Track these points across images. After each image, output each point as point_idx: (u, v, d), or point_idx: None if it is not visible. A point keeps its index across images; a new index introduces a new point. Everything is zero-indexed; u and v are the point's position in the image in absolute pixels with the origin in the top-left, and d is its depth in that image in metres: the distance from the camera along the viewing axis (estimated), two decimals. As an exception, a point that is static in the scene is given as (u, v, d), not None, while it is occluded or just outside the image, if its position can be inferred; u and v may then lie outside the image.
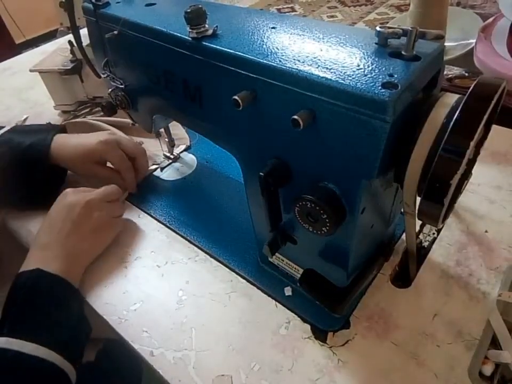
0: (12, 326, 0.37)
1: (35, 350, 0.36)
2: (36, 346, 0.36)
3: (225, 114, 0.34)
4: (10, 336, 0.36)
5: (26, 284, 0.40)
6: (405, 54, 0.25)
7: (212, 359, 0.38)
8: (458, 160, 0.22)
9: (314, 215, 0.28)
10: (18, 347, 0.36)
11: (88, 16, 0.44)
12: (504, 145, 0.55)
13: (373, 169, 0.25)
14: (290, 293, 0.42)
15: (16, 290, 0.40)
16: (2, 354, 0.35)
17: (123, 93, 0.48)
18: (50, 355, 0.36)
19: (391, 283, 0.42)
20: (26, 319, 0.38)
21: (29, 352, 0.36)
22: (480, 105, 0.22)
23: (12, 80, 0.91)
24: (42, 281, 0.41)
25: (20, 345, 0.36)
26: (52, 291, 0.41)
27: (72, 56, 0.69)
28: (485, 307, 0.38)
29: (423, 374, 0.35)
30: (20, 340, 0.36)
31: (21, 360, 0.36)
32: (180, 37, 0.34)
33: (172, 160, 0.61)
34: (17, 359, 0.35)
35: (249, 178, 0.36)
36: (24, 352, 0.36)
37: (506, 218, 0.46)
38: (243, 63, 0.29)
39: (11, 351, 0.35)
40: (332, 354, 0.37)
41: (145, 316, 0.42)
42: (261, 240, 0.40)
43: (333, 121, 0.25)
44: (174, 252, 0.48)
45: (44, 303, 0.40)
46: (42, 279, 0.41)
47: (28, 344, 0.36)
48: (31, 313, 0.39)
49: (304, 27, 0.32)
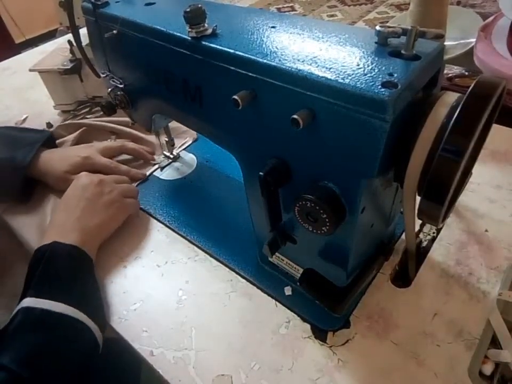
0: (36, 289, 0.39)
1: (62, 309, 0.37)
2: (62, 305, 0.38)
3: (225, 114, 0.34)
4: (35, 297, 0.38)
5: (45, 254, 0.41)
6: (404, 53, 0.25)
7: (212, 359, 0.38)
8: (458, 159, 0.22)
9: (314, 215, 0.28)
10: (45, 305, 0.37)
11: (88, 15, 0.44)
12: (504, 144, 0.55)
13: (372, 168, 0.25)
14: (290, 293, 0.42)
15: (37, 260, 0.41)
16: (30, 312, 0.37)
17: (122, 93, 0.48)
18: (76, 313, 0.38)
19: (391, 282, 0.42)
20: (50, 282, 0.40)
21: (56, 309, 0.37)
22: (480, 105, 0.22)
23: (12, 80, 0.91)
24: (60, 250, 0.42)
25: (46, 304, 0.37)
26: (70, 259, 0.43)
27: (71, 55, 0.69)
28: (485, 306, 0.38)
29: (423, 374, 0.35)
30: (47, 300, 0.37)
31: (48, 317, 0.37)
32: (180, 37, 0.34)
33: (171, 160, 0.61)
34: (44, 315, 0.37)
35: (249, 178, 0.36)
36: (51, 309, 0.37)
37: (506, 218, 0.46)
38: (243, 62, 0.29)
39: (38, 309, 0.37)
40: (332, 354, 0.37)
41: (145, 316, 0.42)
42: (261, 239, 0.40)
43: (333, 121, 0.25)
44: (174, 251, 0.48)
45: (63, 269, 0.41)
46: (60, 249, 0.42)
47: (55, 303, 0.37)
48: (53, 278, 0.40)
49: (304, 26, 0.32)
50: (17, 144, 0.56)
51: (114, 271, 0.46)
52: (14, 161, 0.53)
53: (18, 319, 0.36)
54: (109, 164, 0.57)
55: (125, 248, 0.49)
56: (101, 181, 0.50)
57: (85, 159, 0.56)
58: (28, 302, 0.37)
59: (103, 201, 0.48)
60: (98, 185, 0.49)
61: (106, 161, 0.57)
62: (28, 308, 0.37)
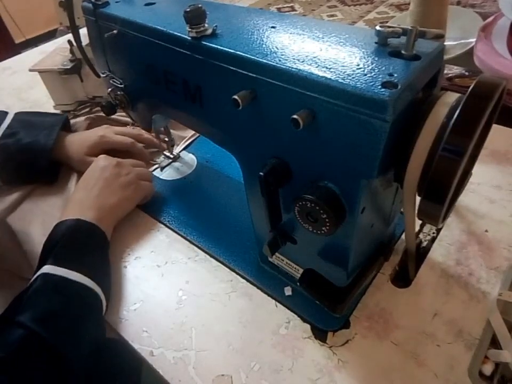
0: (56, 257, 0.40)
1: (79, 278, 0.39)
2: (80, 275, 0.39)
3: (225, 114, 0.34)
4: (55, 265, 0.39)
5: (69, 227, 0.43)
6: (404, 53, 0.25)
7: (212, 359, 0.38)
8: (459, 159, 0.22)
9: (314, 215, 0.28)
10: (63, 273, 0.39)
11: (88, 15, 0.44)
12: (504, 144, 0.55)
13: (372, 168, 0.25)
14: (290, 293, 0.42)
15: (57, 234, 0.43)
16: (49, 278, 0.39)
17: (122, 93, 0.48)
18: (93, 285, 0.40)
19: (391, 283, 0.42)
20: (70, 254, 0.42)
21: (74, 278, 0.39)
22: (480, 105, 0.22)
23: (12, 80, 0.91)
24: (81, 227, 0.44)
25: (65, 272, 0.39)
26: (90, 236, 0.45)
27: (71, 55, 0.69)
28: (485, 307, 0.38)
29: (423, 374, 0.35)
30: (65, 269, 0.39)
31: (67, 284, 0.39)
32: (180, 37, 0.33)
33: (171, 160, 0.61)
34: (63, 282, 0.39)
35: (249, 178, 0.36)
36: (70, 278, 0.39)
37: (506, 218, 0.46)
38: (243, 62, 0.29)
39: (56, 276, 0.39)
40: (332, 354, 0.37)
41: (145, 316, 0.42)
42: (261, 240, 0.40)
43: (333, 121, 0.25)
44: (174, 251, 0.48)
45: (83, 244, 0.44)
46: (81, 226, 0.44)
47: (73, 272, 0.39)
48: (73, 250, 0.42)
49: (304, 26, 0.32)
50: (37, 128, 0.58)
51: (115, 271, 0.46)
52: (37, 144, 0.56)
53: (38, 283, 0.38)
54: (124, 140, 0.59)
55: (125, 248, 0.49)
56: (119, 163, 0.52)
57: (101, 138, 0.58)
58: (48, 269, 0.39)
59: (120, 182, 0.50)
60: (116, 166, 0.51)
61: (122, 138, 0.59)
62: (48, 274, 0.39)
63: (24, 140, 0.56)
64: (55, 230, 0.44)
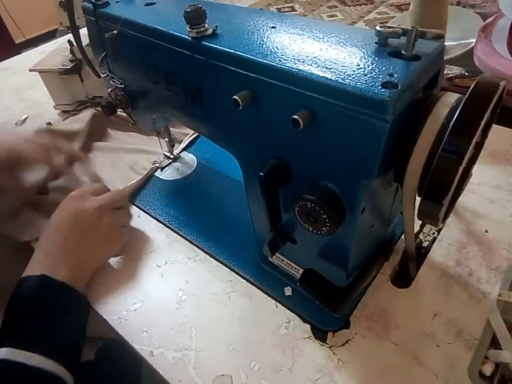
0: (15, 336, 0.36)
1: (41, 362, 0.35)
2: (41, 359, 0.35)
3: (225, 114, 0.34)
4: (14, 347, 0.35)
5: (31, 291, 0.38)
6: (405, 54, 0.25)
7: (212, 359, 0.38)
8: (459, 160, 0.22)
9: (314, 215, 0.28)
10: (23, 359, 0.35)
11: (88, 15, 0.44)
12: (504, 145, 0.55)
13: (372, 169, 0.25)
14: (290, 293, 0.42)
15: (21, 297, 0.38)
16: (6, 366, 0.34)
17: (123, 93, 0.48)
18: (55, 367, 0.36)
19: (391, 283, 0.42)
20: (32, 328, 0.37)
21: (34, 364, 0.35)
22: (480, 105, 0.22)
23: (12, 80, 0.91)
24: (48, 288, 0.39)
25: (25, 356, 0.35)
26: (58, 299, 0.40)
27: (71, 55, 0.69)
28: (485, 307, 0.38)
29: (423, 374, 0.35)
30: (25, 351, 0.35)
31: (25, 373, 0.35)
32: (180, 37, 0.34)
33: (171, 160, 0.61)
34: (22, 371, 0.34)
35: (249, 178, 0.36)
36: (29, 364, 0.34)
37: (506, 218, 0.46)
38: (243, 62, 0.29)
39: (16, 363, 0.34)
40: (332, 354, 0.37)
41: (145, 316, 0.42)
42: (261, 240, 0.40)
43: (333, 121, 0.25)
44: (174, 251, 0.48)
45: (49, 311, 0.39)
46: (48, 286, 0.39)
47: (33, 355, 0.35)
48: (36, 322, 0.37)
49: (304, 27, 0.32)
50: None
51: (114, 271, 0.46)
52: None
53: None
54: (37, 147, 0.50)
55: (125, 248, 0.49)
56: (98, 208, 0.45)
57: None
58: (6, 354, 0.35)
59: (100, 235, 0.45)
60: (94, 214, 0.44)
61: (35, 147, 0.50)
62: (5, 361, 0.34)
63: None
64: (19, 289, 0.39)
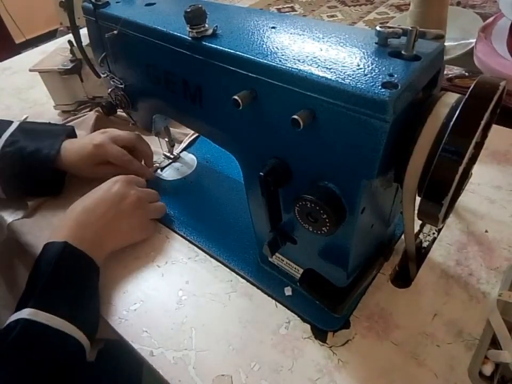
0: (39, 298, 0.38)
1: (61, 325, 0.37)
2: (62, 321, 0.37)
3: (225, 114, 0.34)
4: (37, 308, 0.37)
5: (54, 257, 0.40)
6: (405, 54, 0.25)
7: (212, 359, 0.38)
8: (458, 160, 0.22)
9: (314, 215, 0.28)
10: (45, 320, 0.36)
11: (88, 15, 0.44)
12: (504, 145, 0.55)
13: (373, 169, 0.25)
14: (290, 293, 0.42)
15: (44, 262, 0.40)
16: (30, 326, 0.36)
17: (123, 93, 0.48)
18: (75, 331, 0.37)
19: (391, 283, 0.42)
20: (54, 293, 0.39)
21: (56, 326, 0.36)
22: (480, 105, 0.22)
23: (12, 80, 0.91)
24: (71, 257, 0.41)
25: (47, 318, 0.36)
26: (79, 269, 0.41)
27: (72, 56, 0.69)
28: (485, 307, 0.38)
29: (423, 374, 0.35)
30: (47, 313, 0.37)
31: (48, 334, 0.36)
32: (180, 37, 0.34)
33: (171, 160, 0.61)
34: (44, 332, 0.36)
35: (249, 178, 0.36)
36: (52, 326, 0.36)
37: (506, 218, 0.46)
38: (243, 62, 0.29)
39: (38, 324, 0.36)
40: (332, 354, 0.37)
41: (145, 316, 0.42)
42: (261, 240, 0.40)
43: (333, 121, 0.25)
44: (174, 251, 0.48)
45: (71, 279, 0.40)
46: (71, 255, 0.41)
47: (55, 318, 0.37)
48: (58, 288, 0.39)
49: (304, 27, 0.32)
50: (41, 137, 0.55)
51: (115, 271, 0.46)
52: (40, 154, 0.52)
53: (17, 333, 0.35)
54: (121, 155, 0.54)
55: (125, 248, 0.49)
56: (138, 199, 0.47)
57: (97, 148, 0.53)
58: (29, 314, 0.36)
59: (131, 221, 0.47)
60: (134, 202, 0.47)
61: (118, 152, 0.54)
62: (28, 320, 0.36)
63: (27, 148, 0.53)
64: (43, 254, 0.41)
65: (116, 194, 0.46)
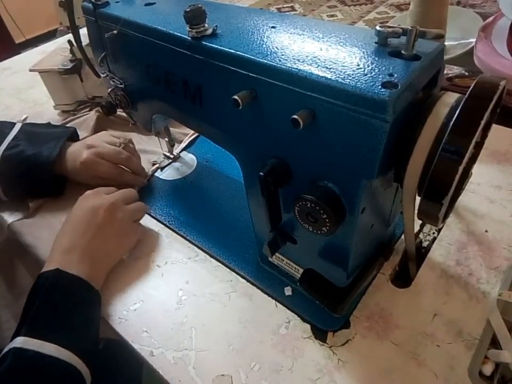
0: (30, 326, 0.37)
1: (54, 351, 0.35)
2: (54, 347, 0.35)
3: (225, 114, 0.34)
4: (28, 336, 0.36)
5: (45, 284, 0.39)
6: (405, 54, 0.25)
7: (212, 359, 0.38)
8: (458, 159, 0.22)
9: (314, 215, 0.28)
10: (36, 347, 0.35)
11: (88, 15, 0.44)
12: (504, 144, 0.55)
13: (373, 169, 0.25)
14: (290, 293, 0.42)
15: (36, 291, 0.39)
16: (20, 354, 0.35)
17: (123, 93, 0.48)
18: (68, 356, 0.36)
19: (391, 283, 0.42)
20: (45, 319, 0.38)
21: (48, 352, 0.35)
22: (480, 105, 0.22)
23: (12, 80, 0.91)
24: (61, 281, 0.40)
25: (38, 345, 0.35)
26: (72, 291, 0.40)
27: (71, 55, 0.69)
28: (485, 307, 0.38)
29: (423, 374, 0.35)
30: (39, 340, 0.35)
31: (39, 361, 0.35)
32: (180, 37, 0.34)
33: (171, 160, 0.61)
34: (35, 359, 0.35)
35: (249, 178, 0.36)
36: (43, 352, 0.35)
37: (506, 218, 0.46)
38: (243, 62, 0.29)
39: (29, 351, 0.35)
40: (332, 354, 0.37)
41: (145, 316, 0.42)
42: (261, 240, 0.40)
43: (333, 121, 0.25)
44: (174, 251, 0.48)
45: (63, 303, 0.39)
46: (62, 279, 0.40)
47: (47, 344, 0.35)
48: (50, 313, 0.38)
49: (304, 26, 0.32)
50: (43, 140, 0.55)
51: (114, 271, 0.46)
52: (40, 157, 0.52)
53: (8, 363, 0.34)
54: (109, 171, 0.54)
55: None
56: (112, 204, 0.46)
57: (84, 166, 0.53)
58: (20, 342, 0.35)
59: (114, 229, 0.45)
60: (108, 210, 0.45)
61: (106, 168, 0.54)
62: (19, 349, 0.35)
63: (27, 151, 0.53)
64: (36, 284, 0.40)
65: (88, 209, 0.45)
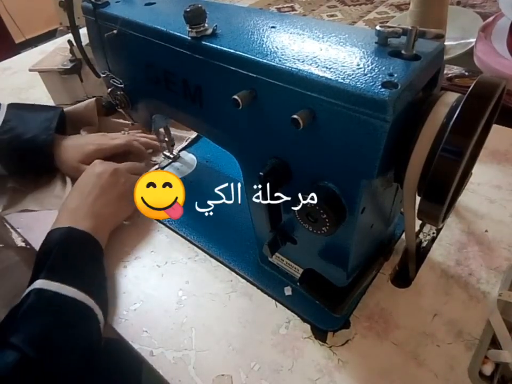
0: (49, 271, 0.39)
1: (73, 293, 0.38)
2: (73, 290, 0.38)
3: (225, 114, 0.34)
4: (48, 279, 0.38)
5: (60, 238, 0.42)
6: (405, 53, 0.25)
7: (212, 359, 0.38)
8: (458, 159, 0.22)
9: (314, 215, 0.28)
10: (56, 288, 0.38)
11: (88, 15, 0.44)
12: (504, 144, 0.55)
13: (372, 168, 0.25)
14: (290, 293, 0.42)
15: (50, 244, 0.42)
16: (42, 294, 0.37)
17: (122, 93, 0.48)
18: (85, 299, 0.39)
19: (391, 283, 0.42)
20: (63, 266, 0.40)
21: (66, 293, 0.38)
22: (480, 105, 0.22)
23: (12, 80, 0.91)
24: (74, 236, 0.43)
25: (58, 287, 0.38)
26: (84, 245, 0.44)
27: (71, 55, 0.69)
28: (485, 307, 0.38)
29: (423, 374, 0.35)
30: (58, 283, 0.38)
31: (59, 300, 0.37)
32: (180, 37, 0.34)
33: (171, 160, 0.61)
34: (55, 298, 0.37)
35: (249, 178, 0.36)
36: (62, 293, 0.38)
37: (506, 218, 0.46)
38: (243, 62, 0.29)
39: (49, 291, 0.37)
40: (332, 354, 0.37)
41: (145, 316, 0.42)
42: (261, 240, 0.40)
43: (333, 121, 0.25)
44: (174, 251, 0.48)
45: (77, 254, 0.42)
46: (74, 235, 0.43)
47: (66, 287, 0.38)
48: (67, 261, 0.41)
49: (304, 26, 0.32)
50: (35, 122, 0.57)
51: (114, 271, 0.46)
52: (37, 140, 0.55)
53: (31, 300, 0.37)
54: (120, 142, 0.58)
55: (125, 248, 0.49)
56: (116, 170, 0.50)
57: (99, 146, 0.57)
58: (41, 284, 0.38)
59: (117, 192, 0.49)
60: (112, 174, 0.50)
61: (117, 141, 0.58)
62: (40, 289, 0.37)
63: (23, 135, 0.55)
64: (47, 239, 0.43)
65: (94, 174, 0.49)
